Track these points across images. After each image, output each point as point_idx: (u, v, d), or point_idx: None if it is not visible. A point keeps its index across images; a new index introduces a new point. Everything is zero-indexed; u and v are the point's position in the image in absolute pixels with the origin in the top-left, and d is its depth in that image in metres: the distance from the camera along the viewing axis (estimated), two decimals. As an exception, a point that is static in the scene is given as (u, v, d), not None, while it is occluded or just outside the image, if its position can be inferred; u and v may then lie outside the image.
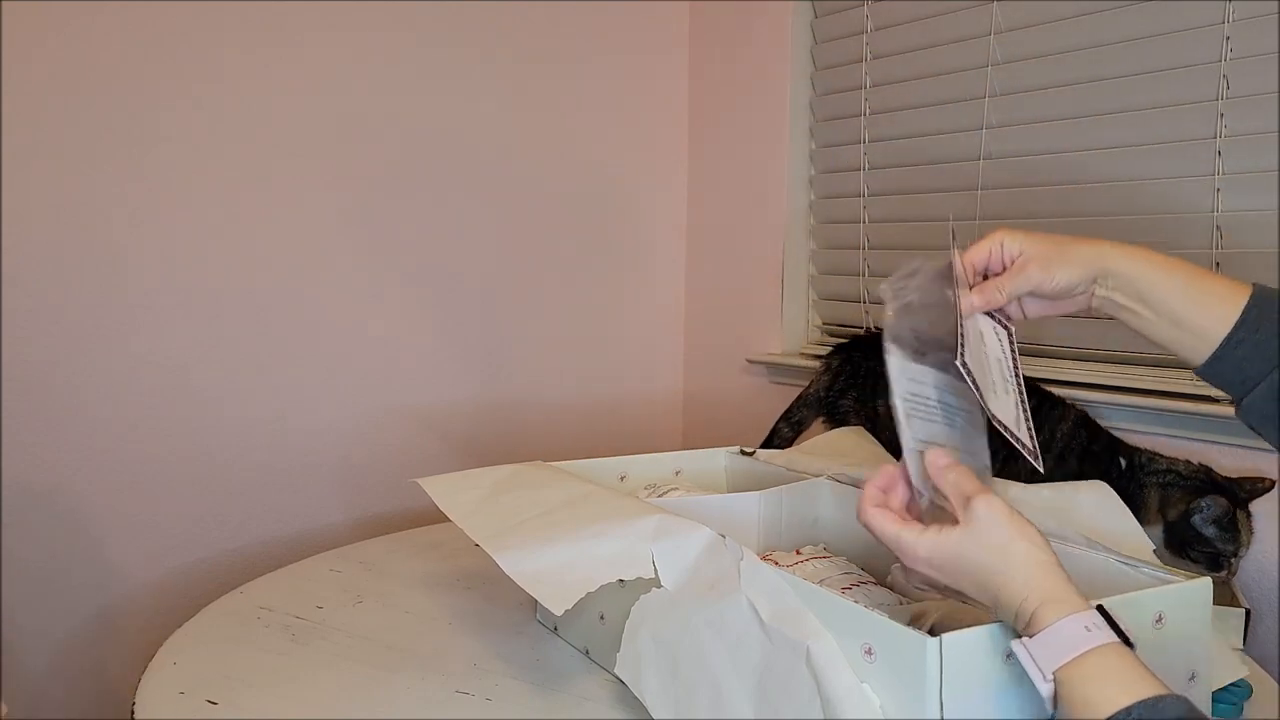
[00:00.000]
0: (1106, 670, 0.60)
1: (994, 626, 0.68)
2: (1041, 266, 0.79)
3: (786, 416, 1.50)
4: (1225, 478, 1.15)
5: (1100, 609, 0.64)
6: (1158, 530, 1.14)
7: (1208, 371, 0.77)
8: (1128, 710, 0.57)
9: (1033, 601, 0.64)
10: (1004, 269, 0.81)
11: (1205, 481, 1.14)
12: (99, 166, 1.48)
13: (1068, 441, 1.25)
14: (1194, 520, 1.10)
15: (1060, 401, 1.29)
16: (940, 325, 0.78)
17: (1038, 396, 1.28)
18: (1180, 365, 0.98)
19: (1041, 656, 0.62)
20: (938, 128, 1.60)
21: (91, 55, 1.46)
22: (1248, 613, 1.06)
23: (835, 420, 1.45)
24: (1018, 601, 0.65)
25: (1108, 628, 0.62)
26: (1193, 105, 1.29)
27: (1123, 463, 1.20)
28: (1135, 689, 0.59)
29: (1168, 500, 1.14)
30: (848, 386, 1.44)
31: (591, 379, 1.98)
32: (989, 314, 0.82)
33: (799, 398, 1.50)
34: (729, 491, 1.28)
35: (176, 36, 1.52)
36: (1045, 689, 0.61)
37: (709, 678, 0.77)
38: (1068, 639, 0.61)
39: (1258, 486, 1.13)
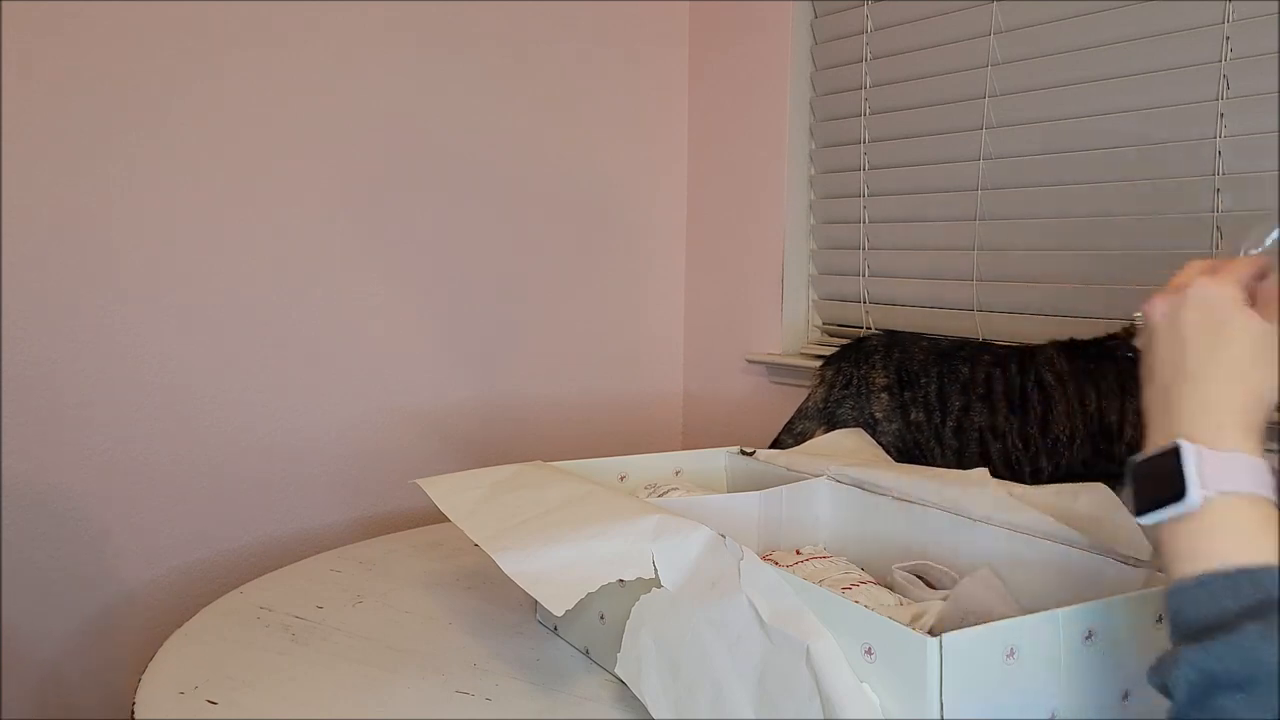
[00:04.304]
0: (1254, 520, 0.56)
1: (994, 626, 0.67)
2: None
3: (789, 429, 1.50)
4: None
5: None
6: None
7: None
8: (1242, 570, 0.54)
9: (1228, 418, 0.59)
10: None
11: None
12: (99, 167, 1.48)
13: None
14: None
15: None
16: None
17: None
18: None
19: (1211, 472, 0.57)
20: (938, 128, 1.60)
21: (91, 55, 1.46)
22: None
23: (837, 429, 1.46)
24: (1217, 410, 0.59)
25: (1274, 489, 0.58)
26: (1193, 105, 1.29)
27: None
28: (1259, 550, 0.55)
29: None
30: (843, 396, 1.45)
31: (591, 379, 1.98)
32: None
33: (799, 410, 1.50)
34: (729, 491, 1.28)
35: (177, 37, 1.52)
36: (1197, 498, 0.56)
37: (709, 677, 0.77)
38: (1246, 471, 0.57)
39: None
